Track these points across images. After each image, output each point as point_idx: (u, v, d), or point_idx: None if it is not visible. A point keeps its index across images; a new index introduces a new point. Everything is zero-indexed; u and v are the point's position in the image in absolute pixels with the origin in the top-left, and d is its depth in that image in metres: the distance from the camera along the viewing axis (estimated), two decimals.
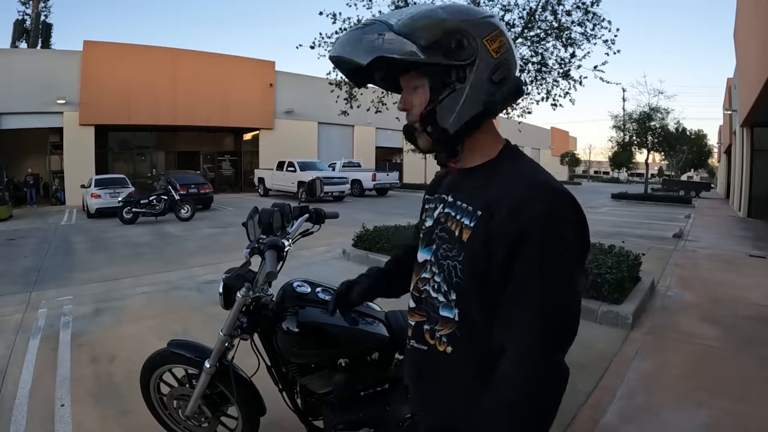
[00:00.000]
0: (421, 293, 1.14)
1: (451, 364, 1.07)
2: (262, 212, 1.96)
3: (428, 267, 1.12)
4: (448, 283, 1.04)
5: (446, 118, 1.03)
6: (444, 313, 1.06)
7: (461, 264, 1.01)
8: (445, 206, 1.11)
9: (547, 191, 0.95)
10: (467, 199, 1.04)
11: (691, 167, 45.18)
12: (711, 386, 3.42)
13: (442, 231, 1.08)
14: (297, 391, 2.11)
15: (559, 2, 7.22)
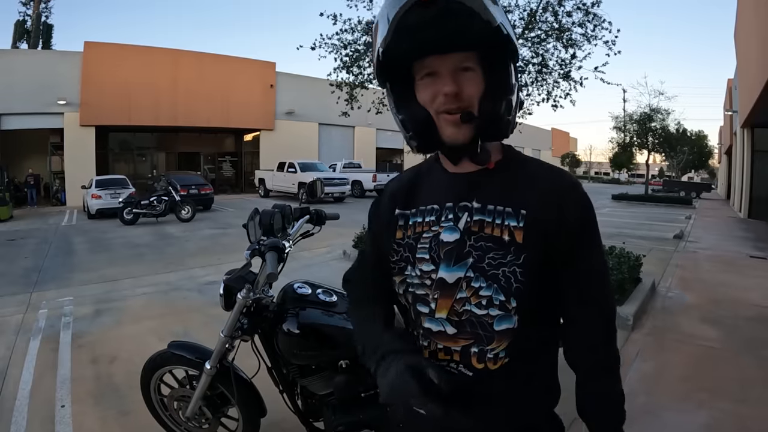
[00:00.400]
0: (461, 316, 1.00)
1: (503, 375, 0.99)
2: (263, 213, 1.96)
3: (464, 285, 0.99)
4: (505, 291, 0.96)
5: (514, 113, 0.98)
6: (501, 326, 0.97)
7: (522, 266, 0.95)
8: (472, 213, 1.01)
9: (572, 177, 1.03)
10: (500, 201, 0.99)
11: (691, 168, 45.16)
12: (711, 387, 3.41)
13: (481, 240, 0.98)
14: (298, 392, 2.10)
15: (559, 3, 7.22)
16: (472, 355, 1.00)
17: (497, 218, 0.98)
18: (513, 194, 0.99)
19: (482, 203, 1.00)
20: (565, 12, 7.24)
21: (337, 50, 8.15)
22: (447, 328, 1.02)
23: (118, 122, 22.36)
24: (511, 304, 0.96)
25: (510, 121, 0.97)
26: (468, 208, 1.01)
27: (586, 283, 1.01)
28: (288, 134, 27.37)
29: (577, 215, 0.98)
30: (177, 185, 14.92)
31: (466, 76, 0.96)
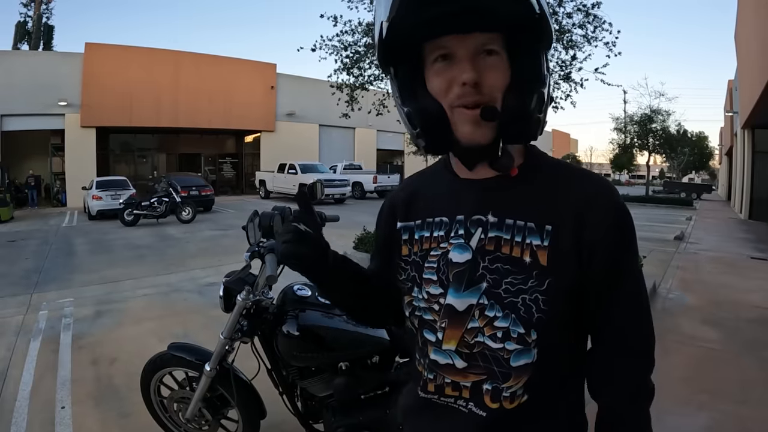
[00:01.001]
0: (472, 348, 0.86)
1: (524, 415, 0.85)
2: (263, 215, 1.96)
3: (477, 313, 0.84)
4: (525, 322, 0.81)
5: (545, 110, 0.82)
6: (519, 362, 0.83)
7: (546, 293, 0.80)
8: (488, 229, 0.85)
9: (616, 190, 0.86)
10: (521, 215, 0.83)
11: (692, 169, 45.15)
12: (712, 389, 3.41)
13: (497, 262, 0.83)
14: (297, 394, 2.11)
15: (560, 4, 7.23)
16: (484, 393, 0.86)
17: (517, 235, 0.83)
18: (537, 206, 0.83)
19: (499, 217, 0.85)
20: (566, 13, 7.25)
21: (337, 52, 8.16)
22: (456, 361, 0.88)
23: (119, 123, 22.38)
24: (531, 337, 0.82)
25: (540, 120, 0.81)
26: (482, 223, 0.86)
27: (618, 317, 0.85)
28: (289, 135, 27.38)
29: (606, 230, 0.81)
30: (177, 186, 14.93)
31: (489, 62, 0.79)
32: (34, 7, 30.11)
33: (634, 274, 0.85)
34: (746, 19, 13.44)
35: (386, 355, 1.98)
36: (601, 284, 0.83)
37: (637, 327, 0.86)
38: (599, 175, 0.90)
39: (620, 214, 0.83)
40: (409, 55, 0.85)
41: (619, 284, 0.84)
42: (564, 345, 0.86)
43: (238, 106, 25.57)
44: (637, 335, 0.86)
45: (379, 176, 23.70)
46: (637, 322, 0.85)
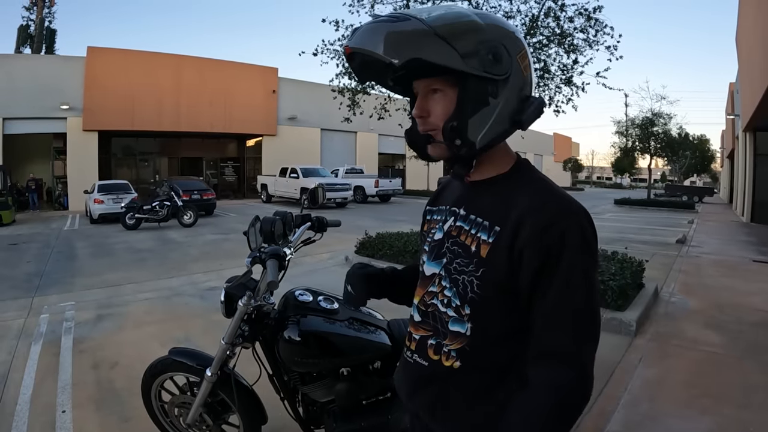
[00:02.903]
0: (427, 307, 1.10)
1: (456, 378, 1.05)
2: (264, 221, 1.96)
3: (437, 281, 1.08)
4: (461, 297, 1.02)
5: (476, 133, 0.98)
6: (454, 328, 1.04)
7: (479, 279, 0.99)
8: (456, 219, 1.08)
9: (570, 206, 0.96)
10: (482, 214, 1.03)
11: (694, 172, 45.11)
12: (715, 393, 3.40)
13: (455, 245, 1.05)
14: (299, 399, 2.10)
15: (561, 8, 7.24)
16: (428, 347, 1.09)
17: (473, 228, 1.03)
18: (497, 210, 1.00)
19: (467, 212, 1.06)
20: (567, 17, 7.25)
21: (339, 56, 8.17)
22: (415, 315, 1.15)
23: (121, 127, 22.46)
24: (464, 311, 1.02)
25: (463, 143, 0.98)
26: (455, 214, 1.09)
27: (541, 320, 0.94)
28: (290, 140, 27.45)
29: (552, 244, 0.92)
30: (179, 190, 14.94)
31: (433, 99, 1.02)
32: (36, 10, 30.29)
33: (567, 282, 0.92)
34: (747, 21, 13.45)
35: (388, 361, 1.98)
36: (529, 286, 0.94)
37: (560, 333, 0.92)
38: (557, 191, 0.99)
39: (556, 224, 0.93)
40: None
41: (546, 290, 0.93)
42: (498, 330, 1.01)
43: (240, 110, 25.64)
44: (558, 342, 0.92)
45: (380, 180, 23.74)
46: (561, 329, 0.92)
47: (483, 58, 0.94)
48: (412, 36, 0.90)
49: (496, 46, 0.95)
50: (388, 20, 0.93)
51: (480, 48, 0.94)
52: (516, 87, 1.00)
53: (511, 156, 1.08)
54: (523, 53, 1.01)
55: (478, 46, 0.94)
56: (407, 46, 0.90)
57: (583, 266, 0.93)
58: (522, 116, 1.01)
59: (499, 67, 0.96)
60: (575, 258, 0.92)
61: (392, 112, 8.75)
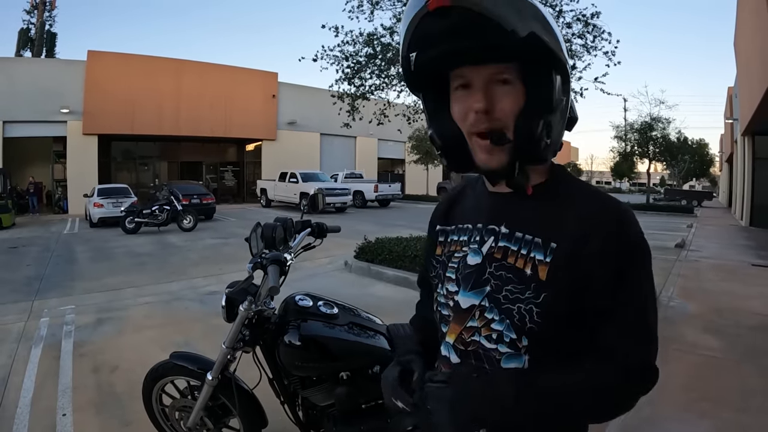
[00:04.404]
0: (467, 345, 0.93)
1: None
2: (265, 226, 1.98)
3: (477, 314, 0.92)
4: (517, 329, 0.87)
5: (558, 134, 0.88)
6: (508, 365, 0.89)
7: (540, 306, 0.85)
8: (498, 239, 0.92)
9: (626, 209, 0.86)
10: (531, 230, 0.89)
11: (692, 176, 45.15)
12: (714, 397, 3.40)
13: (501, 269, 0.90)
14: (299, 403, 2.11)
15: (559, 14, 7.28)
16: None
17: (523, 248, 0.88)
18: (548, 223, 0.88)
19: (511, 229, 0.91)
20: (565, 23, 7.30)
21: (338, 62, 8.22)
22: (451, 355, 0.96)
23: (121, 131, 22.50)
24: (522, 343, 0.87)
25: (549, 144, 0.87)
26: (495, 232, 0.93)
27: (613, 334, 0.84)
28: (290, 144, 27.49)
29: (604, 248, 0.82)
30: (179, 194, 14.98)
31: (501, 91, 0.85)
32: (37, 14, 30.36)
33: (637, 292, 0.84)
34: (745, 27, 13.51)
35: (387, 365, 1.99)
36: (600, 300, 0.84)
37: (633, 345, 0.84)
38: (608, 196, 0.89)
39: (626, 237, 0.84)
40: (434, 81, 0.93)
41: (618, 301, 0.83)
42: (557, 356, 0.88)
43: (240, 114, 25.69)
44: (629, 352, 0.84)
45: (380, 185, 23.75)
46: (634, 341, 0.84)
47: (565, 51, 0.86)
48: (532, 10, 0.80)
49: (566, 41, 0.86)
50: None
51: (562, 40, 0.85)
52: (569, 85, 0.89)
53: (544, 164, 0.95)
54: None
55: (558, 37, 0.84)
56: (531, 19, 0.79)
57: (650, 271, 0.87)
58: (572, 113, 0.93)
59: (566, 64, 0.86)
60: (646, 262, 0.86)
61: (391, 117, 8.79)
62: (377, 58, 8.02)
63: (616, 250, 0.82)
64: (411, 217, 18.15)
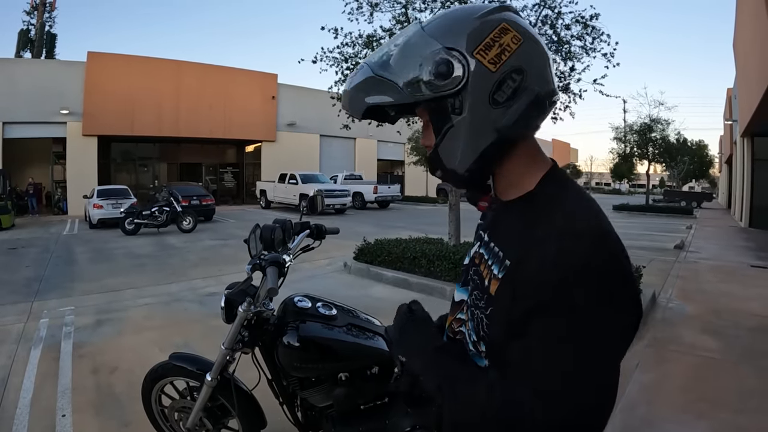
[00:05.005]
0: (455, 334, 1.00)
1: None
2: (264, 228, 1.98)
3: (464, 308, 0.97)
4: (476, 333, 0.88)
5: (451, 159, 0.87)
6: (479, 363, 0.91)
7: (488, 318, 0.84)
8: (480, 245, 0.97)
9: (583, 240, 0.75)
10: (500, 243, 0.88)
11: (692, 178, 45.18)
12: (712, 398, 3.41)
13: (475, 274, 0.94)
14: (297, 404, 2.12)
15: (558, 16, 7.29)
16: None
17: (490, 259, 0.89)
18: (512, 238, 0.85)
19: (490, 238, 0.93)
20: (564, 25, 7.31)
21: (338, 64, 8.21)
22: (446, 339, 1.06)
23: (121, 132, 22.49)
24: (480, 347, 0.88)
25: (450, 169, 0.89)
26: (480, 238, 0.99)
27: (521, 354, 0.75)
28: (289, 146, 27.51)
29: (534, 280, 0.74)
30: (178, 196, 14.99)
31: (428, 129, 0.92)
32: (37, 15, 30.37)
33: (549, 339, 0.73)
34: (744, 27, 13.53)
35: (386, 366, 2.00)
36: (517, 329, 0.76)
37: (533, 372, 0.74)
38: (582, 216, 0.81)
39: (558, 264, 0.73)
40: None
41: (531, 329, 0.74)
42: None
43: (239, 115, 25.70)
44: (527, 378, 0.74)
45: (379, 186, 23.76)
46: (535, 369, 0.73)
47: (426, 77, 0.82)
48: (361, 85, 0.89)
49: (441, 56, 0.81)
50: (352, 75, 0.92)
51: (424, 68, 0.82)
52: (483, 90, 0.81)
53: (538, 169, 0.90)
54: (486, 43, 0.81)
55: (419, 66, 0.83)
56: (359, 98, 0.89)
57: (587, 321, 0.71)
58: (504, 122, 0.82)
59: (450, 79, 0.81)
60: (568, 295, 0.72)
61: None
62: None
63: (540, 282, 0.74)
64: (410, 219, 18.16)
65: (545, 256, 0.74)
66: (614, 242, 0.78)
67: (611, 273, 0.74)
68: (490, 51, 0.81)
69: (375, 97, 0.87)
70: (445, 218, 8.76)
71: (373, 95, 0.87)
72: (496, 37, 0.81)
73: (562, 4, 7.29)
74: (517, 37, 0.82)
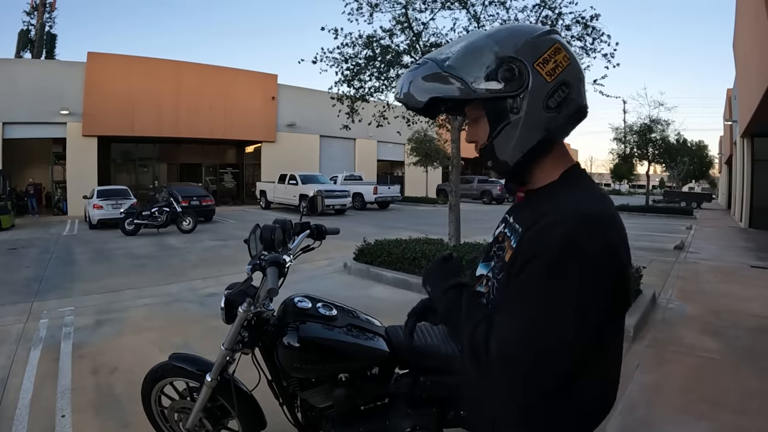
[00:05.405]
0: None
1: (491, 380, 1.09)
2: (264, 228, 1.98)
3: (484, 281, 1.14)
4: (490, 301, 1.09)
5: (504, 152, 1.04)
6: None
7: (498, 283, 1.04)
8: (505, 226, 1.13)
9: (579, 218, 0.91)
10: (520, 221, 1.05)
11: (692, 178, 45.19)
12: (712, 398, 3.41)
13: (499, 249, 1.11)
14: (297, 405, 2.12)
15: (558, 17, 7.30)
16: None
17: (512, 235, 1.06)
18: (531, 217, 1.00)
19: (514, 220, 1.10)
20: (564, 25, 7.31)
21: (338, 64, 8.22)
22: None
23: (121, 133, 22.46)
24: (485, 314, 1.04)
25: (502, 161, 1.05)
26: (506, 221, 1.15)
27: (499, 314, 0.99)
28: (289, 146, 27.50)
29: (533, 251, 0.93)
30: (178, 196, 14.97)
31: (476, 125, 1.09)
32: (37, 15, 30.39)
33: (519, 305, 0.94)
34: (744, 28, 13.53)
35: (386, 367, 2.00)
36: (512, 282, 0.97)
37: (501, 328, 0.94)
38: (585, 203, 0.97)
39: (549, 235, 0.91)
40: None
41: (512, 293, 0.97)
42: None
43: (239, 116, 25.69)
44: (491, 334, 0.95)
45: (379, 187, 23.73)
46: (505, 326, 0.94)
47: (494, 80, 0.98)
48: (429, 78, 1.02)
49: (507, 63, 0.97)
50: (414, 68, 1.06)
51: (491, 71, 0.98)
52: (539, 96, 0.98)
53: (563, 164, 1.07)
54: (544, 58, 0.98)
55: (489, 70, 0.98)
56: (425, 89, 1.02)
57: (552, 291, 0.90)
58: (553, 125, 1.01)
59: (514, 82, 0.98)
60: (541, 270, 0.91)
61: (391, 119, 8.80)
62: (377, 60, 8.04)
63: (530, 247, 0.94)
64: (410, 219, 18.15)
65: (542, 227, 0.93)
66: (612, 232, 0.93)
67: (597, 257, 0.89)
68: (547, 65, 0.98)
69: (442, 91, 1.01)
70: (445, 219, 8.76)
71: (441, 89, 1.01)
72: (552, 54, 0.99)
73: (563, 4, 7.30)
74: (567, 57, 1.01)
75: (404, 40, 7.99)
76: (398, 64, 8.03)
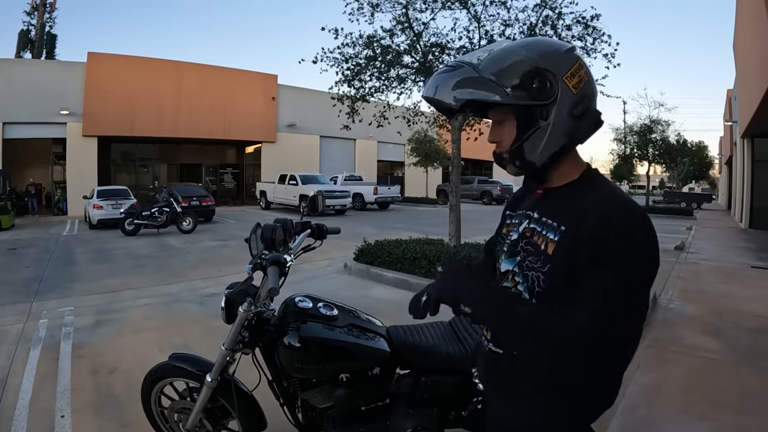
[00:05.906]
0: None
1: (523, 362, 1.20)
2: (265, 228, 1.98)
3: (510, 277, 1.23)
4: (530, 292, 1.15)
5: (532, 154, 1.14)
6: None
7: (545, 275, 1.11)
8: (530, 222, 1.22)
9: (630, 208, 1.05)
10: (552, 216, 1.15)
11: (692, 179, 45.20)
12: (713, 399, 3.40)
13: (528, 244, 1.19)
14: (298, 405, 2.11)
15: (559, 17, 7.29)
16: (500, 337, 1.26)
17: (544, 230, 1.16)
18: (564, 212, 1.12)
19: (540, 215, 1.20)
20: (565, 25, 7.31)
21: (338, 64, 8.22)
22: None
23: (121, 133, 22.46)
24: (533, 303, 1.14)
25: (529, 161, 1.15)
26: (530, 217, 1.23)
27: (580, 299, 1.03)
28: (289, 146, 27.49)
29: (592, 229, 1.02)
30: (178, 196, 14.95)
31: (501, 127, 1.19)
32: (37, 15, 30.40)
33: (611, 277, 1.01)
34: (744, 28, 13.53)
35: (387, 367, 1.99)
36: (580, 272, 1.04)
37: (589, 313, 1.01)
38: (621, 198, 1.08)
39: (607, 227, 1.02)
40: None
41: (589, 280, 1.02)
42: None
43: (240, 116, 25.68)
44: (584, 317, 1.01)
45: (379, 187, 23.72)
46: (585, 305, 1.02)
47: (528, 88, 1.07)
48: (464, 81, 1.08)
49: (540, 74, 1.07)
50: (446, 70, 1.13)
51: (525, 79, 1.07)
52: (566, 106, 1.10)
53: (580, 165, 1.20)
54: (572, 72, 1.10)
55: (523, 78, 1.07)
56: (462, 91, 1.08)
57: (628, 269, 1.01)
58: (577, 133, 1.13)
59: (545, 92, 1.08)
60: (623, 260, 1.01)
61: (391, 119, 8.79)
62: (377, 60, 8.03)
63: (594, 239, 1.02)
64: (410, 220, 18.15)
65: (597, 216, 1.03)
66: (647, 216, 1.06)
67: (649, 236, 1.04)
68: (574, 78, 1.10)
69: (479, 94, 1.08)
70: (446, 219, 8.75)
71: (479, 93, 1.08)
72: (577, 69, 1.11)
73: (563, 4, 7.30)
74: (587, 73, 1.13)
75: (405, 40, 7.99)
76: (398, 64, 8.03)
